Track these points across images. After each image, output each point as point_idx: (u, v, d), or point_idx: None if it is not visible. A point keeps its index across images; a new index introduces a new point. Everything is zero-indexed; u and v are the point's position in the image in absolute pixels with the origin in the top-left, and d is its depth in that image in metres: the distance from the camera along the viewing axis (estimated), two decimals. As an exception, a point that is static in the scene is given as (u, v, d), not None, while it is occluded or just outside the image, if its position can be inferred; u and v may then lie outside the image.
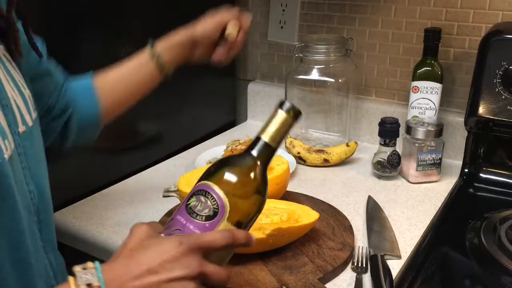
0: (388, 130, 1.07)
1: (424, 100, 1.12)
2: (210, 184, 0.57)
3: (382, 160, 1.08)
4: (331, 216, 0.91)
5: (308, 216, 0.82)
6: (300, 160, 1.17)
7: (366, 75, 1.28)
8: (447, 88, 1.15)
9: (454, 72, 1.17)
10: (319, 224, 0.87)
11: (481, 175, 1.08)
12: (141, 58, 0.86)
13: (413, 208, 0.98)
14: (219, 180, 0.57)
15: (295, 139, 1.20)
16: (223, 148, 1.18)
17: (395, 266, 0.79)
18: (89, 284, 0.48)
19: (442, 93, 1.12)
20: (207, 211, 0.56)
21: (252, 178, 0.58)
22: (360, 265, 0.79)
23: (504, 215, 0.91)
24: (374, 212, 0.95)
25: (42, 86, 0.74)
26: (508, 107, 0.98)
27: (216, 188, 0.56)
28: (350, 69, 1.24)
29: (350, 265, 0.79)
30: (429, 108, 1.12)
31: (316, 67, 1.21)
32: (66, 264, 0.70)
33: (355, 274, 0.77)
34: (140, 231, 0.55)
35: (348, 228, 0.87)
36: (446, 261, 0.85)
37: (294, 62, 1.32)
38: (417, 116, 1.13)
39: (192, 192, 0.58)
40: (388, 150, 1.07)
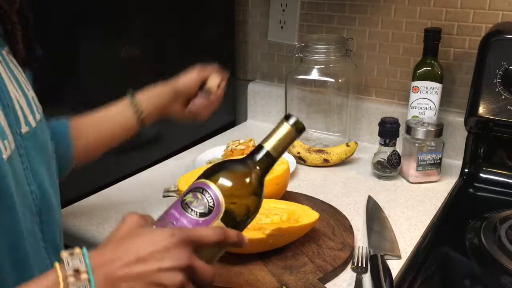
0: (388, 130, 1.07)
1: (424, 100, 1.12)
2: (209, 182, 0.58)
3: (382, 160, 1.08)
4: (331, 216, 0.91)
5: (308, 216, 0.82)
6: (300, 160, 1.17)
7: (366, 75, 1.28)
8: (447, 88, 1.15)
9: (454, 72, 1.17)
10: (319, 224, 0.87)
11: (481, 175, 1.08)
12: (120, 105, 0.86)
13: (413, 208, 0.98)
14: (218, 181, 0.58)
15: (295, 139, 1.20)
16: (223, 148, 1.18)
17: (395, 266, 0.79)
18: (76, 270, 0.47)
19: (442, 93, 1.12)
20: (202, 208, 0.56)
21: (250, 183, 0.60)
22: (360, 265, 0.79)
23: (504, 215, 0.91)
24: (374, 212, 0.95)
25: None
26: (508, 107, 0.98)
27: (214, 187, 0.57)
28: (350, 69, 1.24)
29: (350, 265, 0.79)
30: (429, 108, 1.12)
31: (316, 67, 1.21)
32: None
33: (355, 274, 0.77)
34: (131, 220, 0.55)
35: (348, 228, 0.87)
36: (446, 261, 0.85)
37: (294, 62, 1.32)
38: (417, 116, 1.13)
39: (189, 189, 0.59)
40: (388, 150, 1.07)
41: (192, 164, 1.13)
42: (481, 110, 1.01)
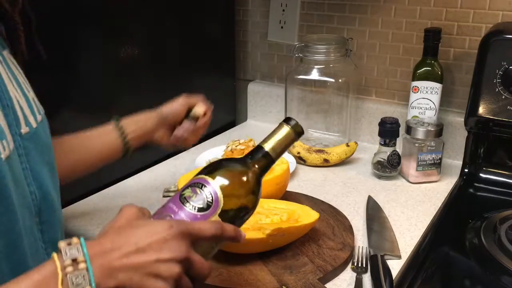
0: (388, 130, 1.07)
1: (424, 100, 1.12)
2: (208, 178, 0.59)
3: (382, 160, 1.08)
4: (331, 216, 0.91)
5: (308, 216, 0.82)
6: (300, 160, 1.17)
7: (366, 75, 1.28)
8: (447, 88, 1.15)
9: (454, 72, 1.17)
10: (319, 224, 0.87)
11: (481, 175, 1.08)
12: (105, 128, 0.86)
13: (413, 208, 0.98)
14: (217, 177, 0.59)
15: (295, 139, 1.20)
16: (223, 148, 1.18)
17: (395, 266, 0.79)
18: (74, 259, 0.47)
19: (442, 93, 1.12)
20: (200, 202, 0.57)
21: (248, 182, 0.60)
22: (360, 265, 0.79)
23: (504, 215, 0.91)
24: (374, 212, 0.95)
25: None
26: (508, 107, 0.98)
27: (213, 183, 0.58)
28: (350, 69, 1.24)
29: (350, 265, 0.79)
30: (429, 108, 1.12)
31: (316, 67, 1.21)
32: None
33: (355, 274, 0.77)
34: (129, 211, 0.55)
35: (348, 228, 0.87)
36: (446, 261, 0.85)
37: (294, 62, 1.32)
38: (417, 116, 1.13)
39: (188, 184, 0.60)
40: (388, 150, 1.07)
41: (192, 164, 1.13)
42: (481, 110, 1.01)
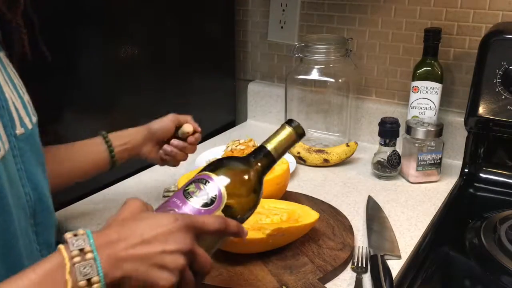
0: (388, 130, 1.07)
1: (424, 100, 1.12)
2: (211, 175, 0.60)
3: (382, 160, 1.08)
4: (331, 216, 0.91)
5: (308, 216, 0.82)
6: (300, 160, 1.17)
7: (366, 75, 1.28)
8: (447, 88, 1.15)
9: (454, 72, 1.17)
10: (319, 224, 0.87)
11: (481, 175, 1.08)
12: (93, 140, 0.87)
13: (413, 208, 0.98)
14: (221, 174, 0.60)
15: (295, 139, 1.20)
16: (223, 148, 1.18)
17: (395, 266, 0.79)
18: (81, 249, 0.48)
19: (442, 93, 1.12)
20: (204, 198, 0.58)
21: (250, 180, 0.61)
22: (360, 265, 0.79)
23: (504, 215, 0.91)
24: (374, 212, 0.95)
25: None
26: (508, 107, 0.98)
27: (217, 179, 0.59)
28: (350, 69, 1.24)
29: (350, 265, 0.79)
30: (429, 108, 1.12)
31: (316, 67, 1.21)
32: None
33: (355, 274, 0.77)
34: (134, 204, 0.55)
35: (348, 228, 0.87)
36: (446, 261, 0.85)
37: (294, 62, 1.32)
38: (417, 116, 1.13)
39: (191, 180, 0.61)
40: (388, 150, 1.07)
41: (192, 164, 1.13)
42: (481, 110, 1.01)
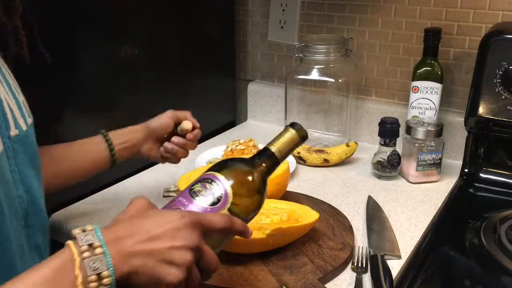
0: (388, 130, 1.07)
1: (424, 100, 1.12)
2: (217, 174, 0.61)
3: (382, 160, 1.08)
4: (331, 216, 0.91)
5: (308, 216, 0.82)
6: (300, 160, 1.17)
7: (366, 75, 1.28)
8: (447, 88, 1.15)
9: (454, 72, 1.17)
10: (319, 224, 0.87)
11: (481, 175, 1.08)
12: (92, 139, 0.86)
13: (413, 208, 0.98)
14: (226, 174, 0.61)
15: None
16: (223, 148, 1.18)
17: (395, 266, 0.79)
18: (90, 244, 0.48)
19: (442, 93, 1.12)
20: (210, 197, 0.59)
21: (255, 180, 0.62)
22: (360, 265, 0.79)
23: (504, 215, 0.91)
24: (374, 212, 0.95)
25: None
26: (508, 107, 0.98)
27: (223, 179, 0.60)
28: (350, 69, 1.24)
29: (350, 265, 0.79)
30: (429, 108, 1.12)
31: (316, 67, 1.21)
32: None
33: (355, 274, 0.77)
34: (140, 202, 0.56)
35: (348, 228, 0.87)
36: (446, 261, 0.85)
37: (294, 62, 1.32)
38: (417, 116, 1.13)
39: (197, 180, 0.61)
40: (388, 150, 1.07)
41: (192, 164, 1.13)
42: (481, 110, 1.01)
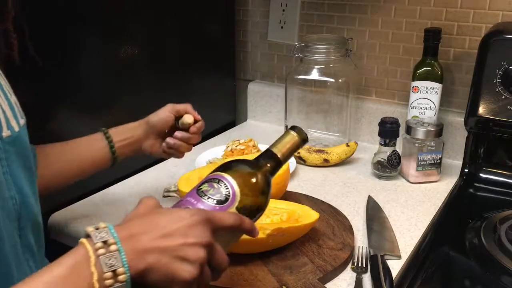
0: (388, 130, 1.07)
1: (424, 100, 1.12)
2: (224, 174, 0.61)
3: (382, 160, 1.08)
4: (331, 216, 0.91)
5: (308, 216, 0.82)
6: (300, 160, 1.17)
7: (366, 75, 1.28)
8: (447, 88, 1.15)
9: (454, 72, 1.17)
10: (319, 224, 0.87)
11: (481, 175, 1.08)
12: (91, 137, 0.85)
13: (413, 208, 0.98)
14: (232, 174, 0.61)
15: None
16: (223, 148, 1.18)
17: (395, 266, 0.79)
18: (104, 242, 0.48)
19: (442, 93, 1.12)
20: (218, 196, 0.59)
21: (260, 181, 0.63)
22: (360, 265, 0.79)
23: (504, 215, 0.91)
24: (374, 212, 0.95)
25: None
26: (508, 107, 0.98)
27: (230, 178, 0.61)
28: (350, 69, 1.24)
29: (350, 265, 0.79)
30: (429, 108, 1.12)
31: (316, 67, 1.21)
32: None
33: (355, 274, 0.77)
34: (149, 202, 0.57)
35: (348, 228, 0.87)
36: (446, 261, 0.85)
37: (294, 62, 1.32)
38: (417, 116, 1.13)
39: (203, 180, 0.62)
40: (388, 150, 1.07)
41: (192, 164, 1.13)
42: (481, 110, 1.01)
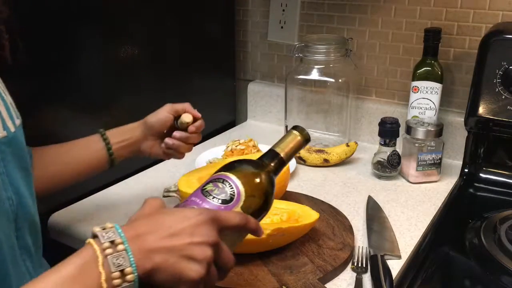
0: (388, 130, 1.07)
1: (424, 100, 1.12)
2: (228, 174, 0.61)
3: (382, 160, 1.08)
4: (331, 216, 0.91)
5: (308, 216, 0.82)
6: (300, 160, 1.17)
7: (366, 75, 1.28)
8: (447, 88, 1.15)
9: (454, 72, 1.17)
10: (319, 224, 0.87)
11: (481, 175, 1.08)
12: (88, 139, 0.85)
13: (413, 208, 0.98)
14: (237, 173, 0.61)
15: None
16: (223, 148, 1.18)
17: (395, 266, 0.79)
18: (112, 241, 0.49)
19: (442, 93, 1.12)
20: (223, 195, 0.59)
21: (264, 180, 0.63)
22: (360, 265, 0.79)
23: (504, 215, 0.91)
24: (374, 212, 0.95)
25: None
26: (508, 107, 0.98)
27: (234, 178, 0.61)
28: (350, 69, 1.24)
29: (350, 265, 0.79)
30: (429, 108, 1.12)
31: (316, 67, 1.21)
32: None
33: (355, 274, 0.77)
34: (154, 202, 0.56)
35: (348, 228, 0.87)
36: (446, 261, 0.85)
37: (294, 62, 1.32)
38: (417, 116, 1.13)
39: (208, 181, 0.62)
40: (388, 150, 1.07)
41: (192, 164, 1.13)
42: (481, 110, 1.01)
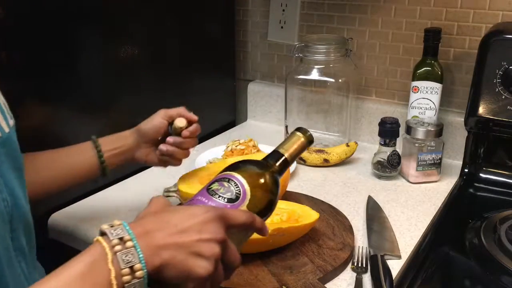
0: (388, 130, 1.07)
1: (424, 100, 1.12)
2: (234, 173, 0.62)
3: (382, 160, 1.08)
4: (331, 216, 0.91)
5: (308, 216, 0.82)
6: (300, 160, 1.17)
7: (366, 75, 1.28)
8: (447, 88, 1.15)
9: (454, 72, 1.17)
10: (319, 224, 0.87)
11: (481, 175, 1.08)
12: (82, 145, 0.84)
13: (413, 208, 0.98)
14: (242, 173, 0.62)
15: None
16: (223, 148, 1.18)
17: (395, 266, 0.79)
18: (120, 238, 0.49)
19: (442, 93, 1.12)
20: (229, 194, 0.60)
21: (268, 180, 0.63)
22: (360, 265, 0.79)
23: (504, 215, 0.91)
24: (374, 212, 0.95)
25: None
26: (508, 107, 0.98)
27: (240, 177, 0.61)
28: (350, 69, 1.24)
29: (350, 265, 0.79)
30: (429, 108, 1.12)
31: (316, 67, 1.21)
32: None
33: (355, 274, 0.77)
34: (160, 201, 0.57)
35: (348, 228, 0.87)
36: (446, 261, 0.85)
37: (294, 62, 1.32)
38: (417, 116, 1.13)
39: (213, 180, 0.62)
40: (388, 150, 1.07)
41: (192, 164, 1.13)
42: (481, 110, 1.01)
